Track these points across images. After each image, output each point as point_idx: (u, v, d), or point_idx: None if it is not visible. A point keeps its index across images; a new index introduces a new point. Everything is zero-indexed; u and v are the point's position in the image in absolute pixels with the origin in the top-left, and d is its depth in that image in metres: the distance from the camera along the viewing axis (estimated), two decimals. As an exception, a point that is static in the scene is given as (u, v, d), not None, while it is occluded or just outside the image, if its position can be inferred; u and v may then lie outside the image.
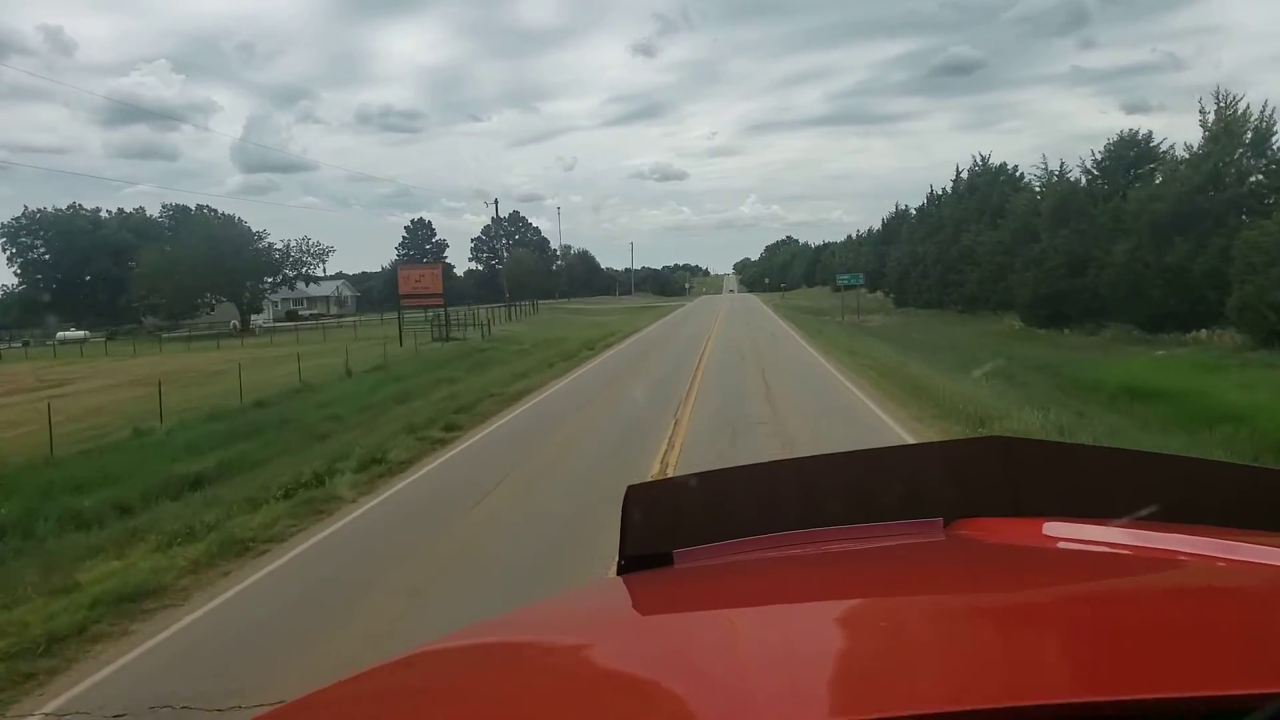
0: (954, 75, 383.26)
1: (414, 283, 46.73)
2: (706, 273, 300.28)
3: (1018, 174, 51.56)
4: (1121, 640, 0.85)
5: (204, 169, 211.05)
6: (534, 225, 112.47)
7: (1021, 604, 1.03)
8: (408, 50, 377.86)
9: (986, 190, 50.86)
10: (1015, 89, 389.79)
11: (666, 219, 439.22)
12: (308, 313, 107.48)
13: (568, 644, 1.14)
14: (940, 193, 61.46)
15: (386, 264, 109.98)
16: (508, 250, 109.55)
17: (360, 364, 33.53)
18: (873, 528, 1.38)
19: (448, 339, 46.18)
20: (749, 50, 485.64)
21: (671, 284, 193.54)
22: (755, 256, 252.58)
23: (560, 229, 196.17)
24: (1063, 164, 42.13)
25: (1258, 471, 1.36)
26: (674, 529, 1.44)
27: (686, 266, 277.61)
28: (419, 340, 48.25)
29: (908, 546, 1.33)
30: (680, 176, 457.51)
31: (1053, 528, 1.25)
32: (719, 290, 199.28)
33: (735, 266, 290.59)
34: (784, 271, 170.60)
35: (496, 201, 71.27)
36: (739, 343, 32.98)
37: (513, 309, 74.29)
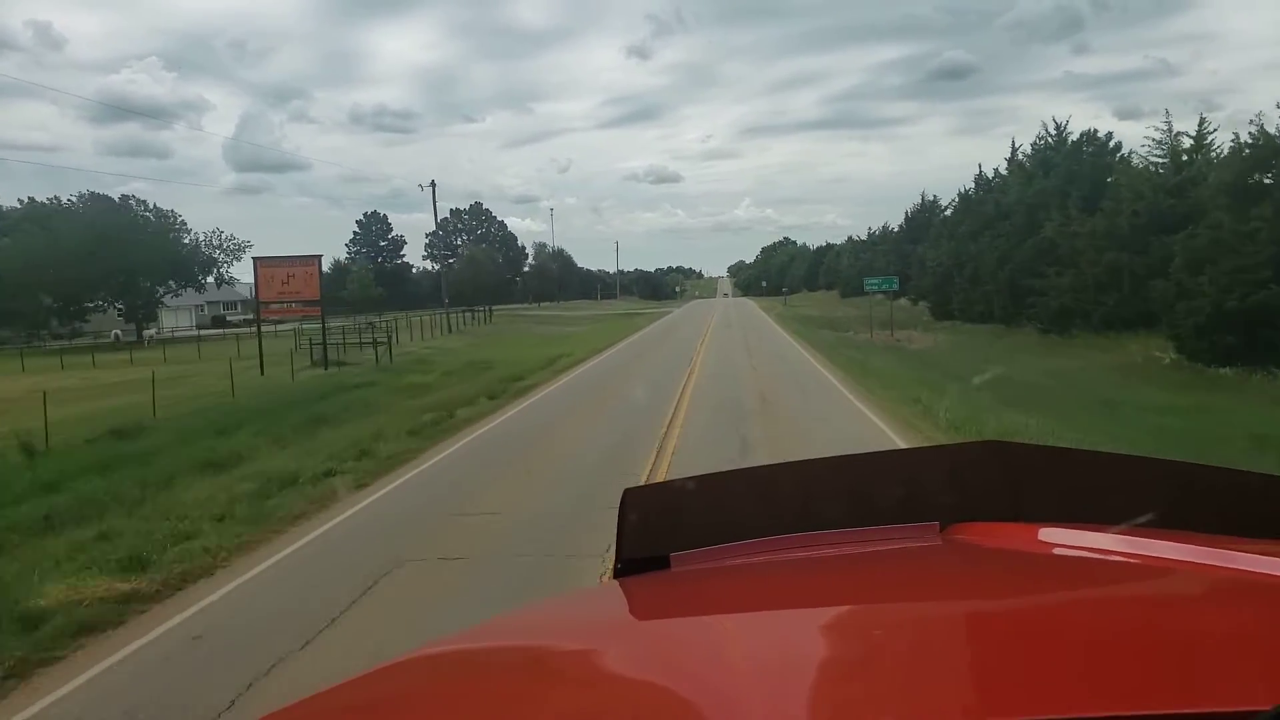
0: (948, 80, 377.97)
1: (280, 285, 33.30)
2: (700, 275, 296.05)
3: (1111, 143, 38.29)
4: (1117, 651, 0.85)
5: (197, 167, 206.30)
6: (499, 219, 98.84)
7: (1016, 611, 1.03)
8: (401, 50, 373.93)
9: (1072, 166, 37.55)
10: (1009, 94, 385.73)
11: (661, 221, 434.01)
12: (239, 318, 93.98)
13: (563, 649, 1.14)
14: (993, 175, 48.22)
15: (337, 259, 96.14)
16: (468, 248, 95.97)
17: (137, 414, 20.33)
18: (869, 531, 1.37)
19: (327, 364, 32.94)
20: (744, 53, 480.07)
21: (663, 287, 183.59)
22: (750, 259, 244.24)
23: (553, 230, 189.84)
24: (1203, 120, 28.83)
25: (1256, 478, 1.32)
26: (671, 532, 1.42)
27: (679, 269, 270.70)
28: (298, 364, 35.20)
29: (904, 551, 1.33)
30: (675, 179, 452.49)
31: (1049, 533, 1.24)
32: (712, 294, 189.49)
33: (729, 269, 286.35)
34: (781, 274, 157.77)
35: (434, 184, 57.31)
36: (738, 389, 19.63)
37: (458, 317, 60.96)
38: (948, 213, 65.97)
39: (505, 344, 46.70)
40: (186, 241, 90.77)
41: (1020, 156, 45.16)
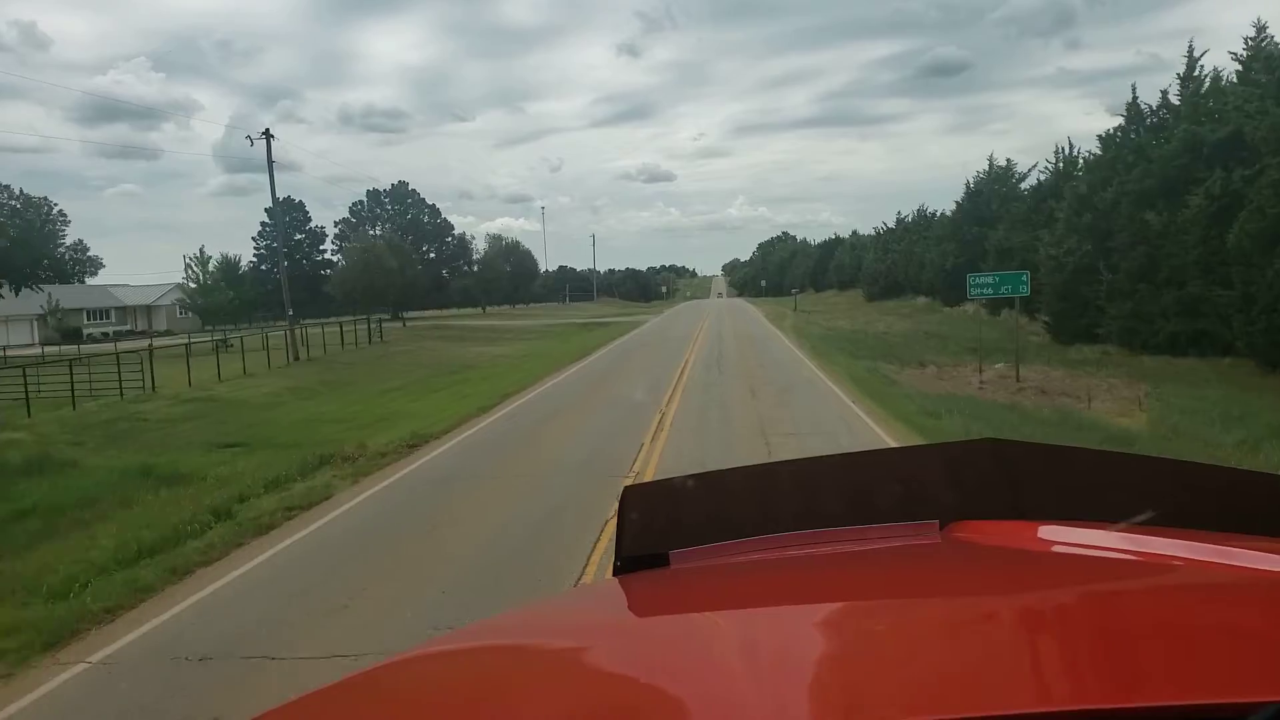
0: (941, 76, 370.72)
1: None
2: (694, 274, 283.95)
3: None
4: (1116, 647, 0.86)
5: (187, 169, 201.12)
6: (429, 203, 78.34)
7: (1017, 608, 1.03)
8: (391, 50, 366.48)
9: None
10: (1001, 91, 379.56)
11: (654, 220, 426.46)
12: (112, 329, 74.43)
13: (563, 647, 1.13)
14: (1154, 107, 29.08)
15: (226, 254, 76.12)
16: (406, 234, 76.22)
17: None
18: (869, 529, 1.36)
19: None
20: (735, 51, 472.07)
21: (651, 287, 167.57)
22: (745, 257, 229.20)
23: (544, 229, 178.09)
24: None
25: (1255, 476, 1.33)
26: (671, 530, 1.42)
27: (672, 268, 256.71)
28: None
29: (904, 549, 1.32)
30: (668, 178, 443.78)
31: (1049, 531, 1.24)
32: (706, 294, 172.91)
33: (724, 268, 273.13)
34: (781, 272, 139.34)
35: (268, 136, 37.16)
36: None
37: (336, 331, 41.62)
38: (1027, 182, 46.95)
39: (333, 393, 27.72)
40: (65, 238, 78.65)
41: (1210, 69, 26.15)
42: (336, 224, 79.88)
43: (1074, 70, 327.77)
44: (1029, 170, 47.58)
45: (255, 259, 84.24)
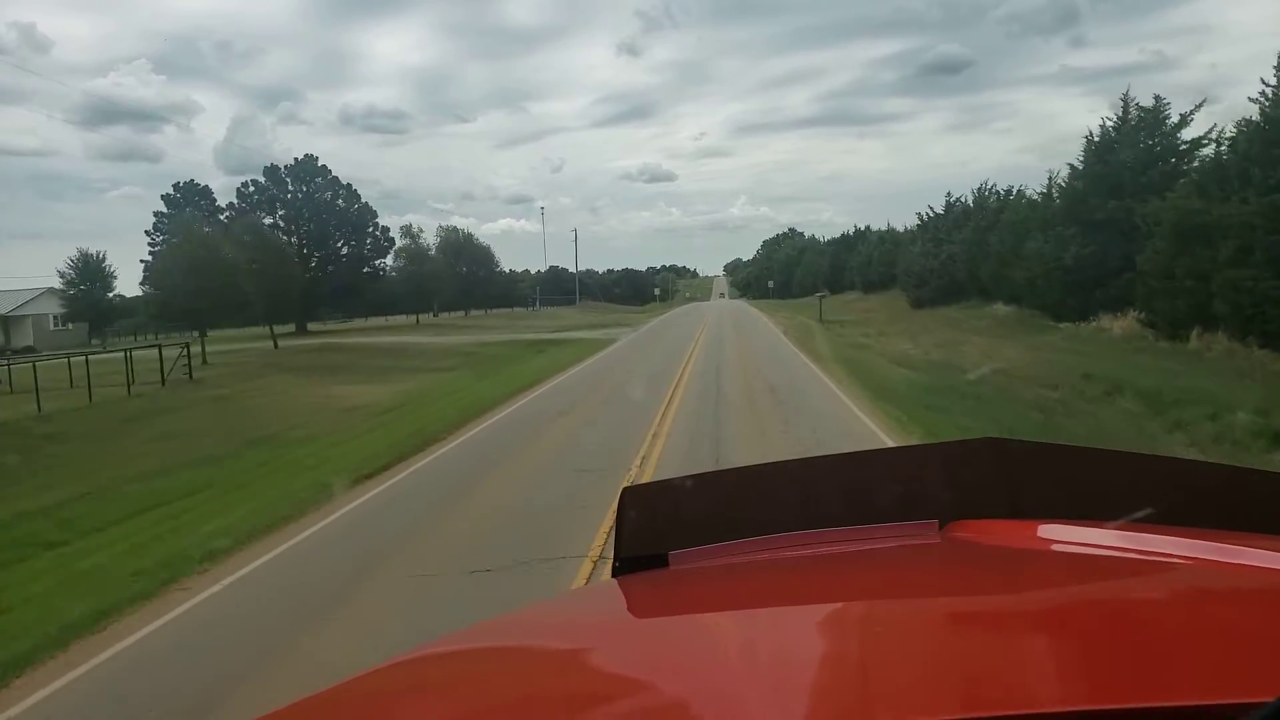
0: (943, 74, 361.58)
1: None
2: (695, 274, 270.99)
3: None
4: (1115, 646, 0.85)
5: (188, 171, 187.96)
6: (344, 182, 61.65)
7: (1016, 608, 1.03)
8: (392, 51, 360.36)
9: None
10: (1004, 89, 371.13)
11: (656, 220, 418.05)
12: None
13: (562, 647, 1.13)
14: None
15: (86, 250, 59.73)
16: (312, 222, 59.98)
17: None
18: (868, 529, 1.35)
19: None
20: (736, 51, 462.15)
21: (647, 288, 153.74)
22: (747, 257, 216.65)
23: (544, 230, 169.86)
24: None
25: (1253, 474, 1.34)
26: (670, 530, 1.41)
27: (672, 268, 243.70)
28: None
29: (903, 549, 1.32)
30: (669, 178, 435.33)
31: (1048, 530, 1.23)
32: (707, 295, 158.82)
33: (725, 267, 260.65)
34: (788, 271, 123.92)
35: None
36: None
37: (128, 360, 25.93)
38: (1187, 131, 30.87)
39: None
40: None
41: None
42: (222, 209, 63.91)
43: (1078, 68, 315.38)
44: (1192, 112, 31.43)
45: (150, 258, 68.32)
